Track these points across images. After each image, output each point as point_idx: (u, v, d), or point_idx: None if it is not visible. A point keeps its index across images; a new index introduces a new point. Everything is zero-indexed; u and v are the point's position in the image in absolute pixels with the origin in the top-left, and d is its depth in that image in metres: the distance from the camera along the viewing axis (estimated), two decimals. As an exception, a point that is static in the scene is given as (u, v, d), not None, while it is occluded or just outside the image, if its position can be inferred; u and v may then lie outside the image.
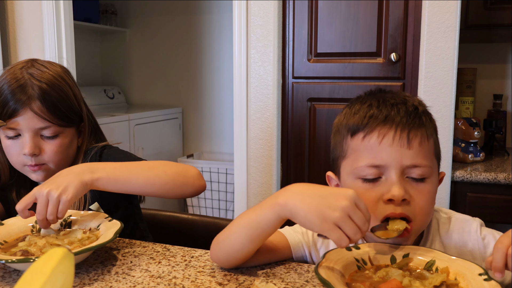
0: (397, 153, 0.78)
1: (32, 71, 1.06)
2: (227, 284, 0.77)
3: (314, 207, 0.68)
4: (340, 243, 0.67)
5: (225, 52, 3.36)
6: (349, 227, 0.67)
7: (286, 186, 0.73)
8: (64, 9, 2.26)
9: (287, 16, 1.99)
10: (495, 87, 2.24)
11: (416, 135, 0.79)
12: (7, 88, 1.04)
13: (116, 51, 3.66)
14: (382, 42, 1.87)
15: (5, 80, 1.05)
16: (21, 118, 1.03)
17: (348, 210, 0.67)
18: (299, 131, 2.04)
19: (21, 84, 1.04)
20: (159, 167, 0.98)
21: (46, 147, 1.06)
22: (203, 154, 3.51)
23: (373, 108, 0.81)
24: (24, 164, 1.07)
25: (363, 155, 0.80)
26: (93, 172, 0.91)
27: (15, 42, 2.36)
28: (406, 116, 0.79)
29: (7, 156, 1.09)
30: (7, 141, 1.07)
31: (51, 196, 0.85)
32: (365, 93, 0.89)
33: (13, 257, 0.78)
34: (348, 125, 0.84)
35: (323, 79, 1.98)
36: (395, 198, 0.76)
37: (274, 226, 0.75)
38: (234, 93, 2.07)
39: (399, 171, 0.78)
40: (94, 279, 0.80)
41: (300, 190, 0.71)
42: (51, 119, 1.05)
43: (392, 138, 0.78)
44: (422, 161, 0.78)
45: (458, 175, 1.76)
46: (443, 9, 1.74)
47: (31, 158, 1.05)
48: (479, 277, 0.68)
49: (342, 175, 0.85)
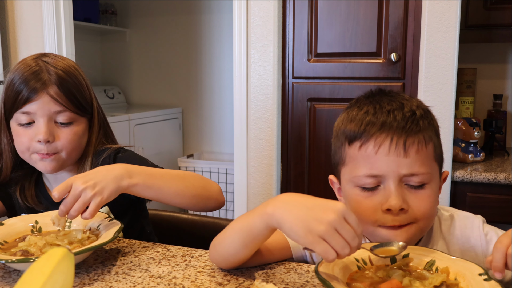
0: (394, 163, 0.77)
1: (46, 59, 1.06)
2: (227, 284, 0.77)
3: (300, 218, 0.66)
4: (326, 257, 0.64)
5: (225, 52, 3.36)
6: (335, 241, 0.64)
7: (278, 195, 0.73)
8: (64, 9, 2.26)
9: (287, 16, 1.99)
10: (495, 87, 2.24)
11: (413, 142, 0.78)
12: (22, 75, 1.02)
13: (116, 51, 3.66)
14: (382, 42, 1.87)
15: (18, 70, 1.04)
16: (36, 103, 1.01)
17: (335, 224, 0.64)
18: (299, 131, 2.04)
19: (37, 70, 1.03)
20: (189, 178, 0.97)
21: (61, 134, 1.04)
22: (203, 154, 3.51)
23: (369, 115, 0.81)
24: (34, 152, 1.03)
25: (361, 164, 0.80)
26: (131, 177, 0.90)
27: (15, 42, 2.36)
28: (402, 123, 0.78)
29: (17, 145, 1.06)
30: (18, 128, 1.04)
31: (85, 193, 0.84)
32: (365, 94, 0.88)
33: (13, 257, 0.78)
34: (345, 132, 0.83)
35: (323, 79, 1.98)
36: (393, 208, 0.76)
37: (264, 234, 0.74)
38: (234, 93, 2.07)
39: (396, 180, 0.77)
40: (94, 279, 0.80)
41: (288, 200, 0.70)
42: (67, 104, 1.04)
43: (388, 148, 0.77)
44: (419, 169, 0.78)
45: (458, 175, 1.76)
46: (443, 9, 1.74)
47: (44, 146, 1.02)
48: (479, 277, 0.68)
49: (342, 181, 0.86)
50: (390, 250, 0.74)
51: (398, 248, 0.74)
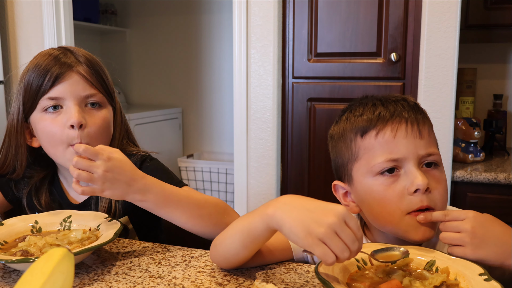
0: (412, 144, 0.80)
1: (67, 47, 1.04)
2: (227, 284, 0.77)
3: (300, 220, 0.66)
4: (325, 259, 0.64)
5: (225, 52, 3.36)
6: (335, 244, 0.64)
7: (279, 196, 0.73)
8: (64, 9, 2.26)
9: (287, 16, 1.99)
10: (495, 87, 2.24)
11: (424, 126, 0.82)
12: (47, 57, 0.98)
13: (116, 51, 3.66)
14: (382, 42, 1.87)
15: (40, 56, 1.00)
16: (65, 84, 0.97)
17: (335, 227, 0.64)
18: (299, 131, 2.04)
19: (62, 52, 1.00)
20: (207, 207, 0.92)
21: (91, 120, 0.99)
22: (203, 154, 3.51)
23: (379, 107, 0.83)
24: (70, 143, 0.97)
25: (379, 151, 0.80)
26: (144, 195, 0.86)
27: (15, 42, 2.36)
28: (411, 110, 0.82)
29: (47, 138, 0.99)
30: (46, 118, 0.98)
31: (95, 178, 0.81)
32: (358, 99, 0.89)
33: (13, 257, 0.78)
34: (355, 127, 0.84)
35: (323, 79, 1.98)
36: (421, 187, 0.77)
37: (264, 235, 0.74)
38: (234, 93, 2.07)
39: (416, 162, 0.80)
40: (94, 279, 0.80)
41: (289, 202, 0.70)
42: (97, 84, 1.00)
43: (405, 131, 0.80)
44: (434, 150, 0.82)
45: (458, 175, 1.76)
46: (443, 9, 1.74)
47: (77, 132, 0.96)
48: (479, 277, 0.68)
49: (356, 177, 0.84)
50: (391, 255, 0.74)
51: (400, 253, 0.74)
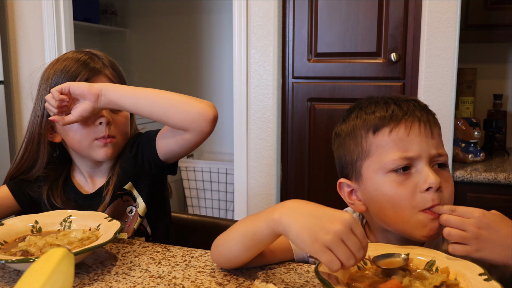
0: (424, 143, 0.81)
1: (93, 51, 1.12)
2: (227, 284, 0.77)
3: (307, 227, 0.66)
4: (331, 266, 0.65)
5: (225, 52, 3.36)
6: (341, 252, 0.64)
7: (285, 201, 0.73)
8: (64, 9, 2.26)
9: (287, 16, 1.99)
10: (495, 87, 2.24)
11: (435, 127, 0.83)
12: (77, 60, 1.06)
13: (116, 51, 3.66)
14: (382, 42, 1.87)
15: (67, 59, 1.07)
16: None
17: (341, 234, 0.65)
18: (299, 131, 2.04)
19: (90, 56, 1.09)
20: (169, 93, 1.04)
21: (116, 119, 1.08)
22: (203, 154, 3.51)
23: (392, 105, 0.84)
24: (96, 138, 1.04)
25: (392, 149, 0.81)
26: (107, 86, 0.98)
27: (15, 42, 2.36)
28: (423, 110, 0.83)
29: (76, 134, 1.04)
30: None
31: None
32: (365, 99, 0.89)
33: (13, 257, 0.78)
34: (368, 124, 0.84)
35: (323, 79, 1.98)
36: (434, 185, 0.77)
37: (268, 239, 0.74)
38: (234, 93, 2.07)
39: (428, 161, 0.80)
40: (94, 279, 0.80)
41: (296, 208, 0.70)
42: None
43: (418, 129, 0.81)
44: (443, 150, 0.83)
45: (458, 175, 1.76)
46: (443, 9, 1.74)
47: (105, 128, 1.04)
48: (479, 277, 0.68)
49: (366, 174, 0.83)
50: (393, 262, 0.74)
51: (401, 259, 0.74)
